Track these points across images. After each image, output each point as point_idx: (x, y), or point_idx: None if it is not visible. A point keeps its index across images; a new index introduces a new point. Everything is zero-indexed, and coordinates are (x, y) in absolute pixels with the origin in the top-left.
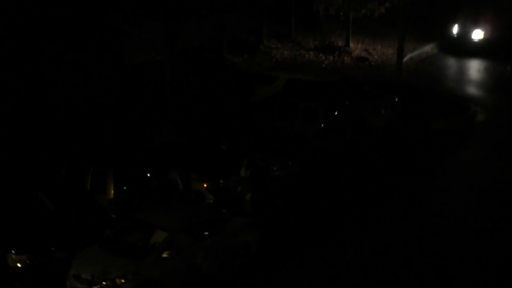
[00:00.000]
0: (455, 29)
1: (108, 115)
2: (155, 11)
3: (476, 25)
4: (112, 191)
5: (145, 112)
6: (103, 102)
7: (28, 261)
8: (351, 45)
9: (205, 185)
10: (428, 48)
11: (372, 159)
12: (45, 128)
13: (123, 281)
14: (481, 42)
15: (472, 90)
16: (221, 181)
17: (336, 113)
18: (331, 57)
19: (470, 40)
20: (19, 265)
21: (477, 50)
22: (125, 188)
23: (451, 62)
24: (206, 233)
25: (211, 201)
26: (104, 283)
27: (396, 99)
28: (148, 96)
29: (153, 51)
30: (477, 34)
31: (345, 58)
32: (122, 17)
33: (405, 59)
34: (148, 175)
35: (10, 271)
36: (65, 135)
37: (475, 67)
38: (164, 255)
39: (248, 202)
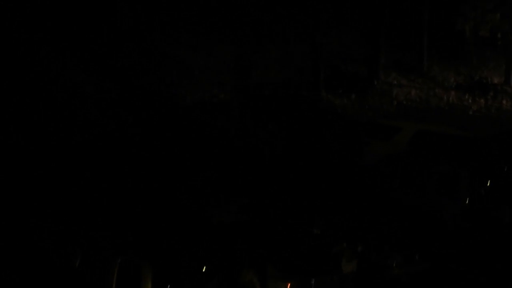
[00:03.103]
0: None
1: (147, 175)
2: (220, 30)
3: None
4: None
5: (201, 174)
6: (140, 156)
7: None
8: None
9: (288, 285)
10: None
11: None
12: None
13: None
14: None
15: None
16: (313, 281)
17: (488, 183)
18: (483, 100)
19: None
20: None
21: None
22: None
23: None
24: None
25: None
26: None
27: None
28: (207, 150)
29: (215, 87)
30: None
31: (504, 101)
32: (171, 39)
33: None
34: (204, 269)
35: None
36: (84, 205)
37: None
38: None
39: None
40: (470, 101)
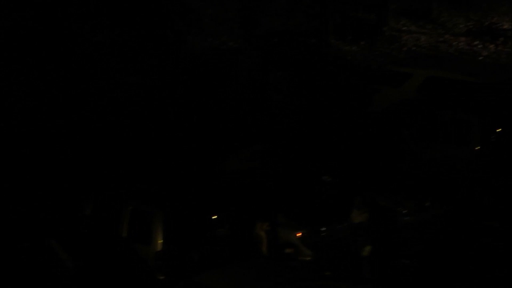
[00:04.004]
0: None
1: (158, 123)
2: None
3: None
4: (160, 241)
5: (211, 121)
6: (151, 105)
7: None
8: None
9: (299, 235)
10: None
11: None
12: (62, 140)
13: None
14: None
15: None
16: (324, 229)
17: (499, 130)
18: (493, 46)
19: None
20: None
21: None
22: (180, 235)
23: None
24: None
25: (309, 258)
26: None
27: None
28: (216, 98)
29: (225, 34)
30: None
31: None
32: None
33: None
34: (215, 217)
35: None
36: (93, 151)
37: None
38: None
39: (365, 261)
40: (480, 47)
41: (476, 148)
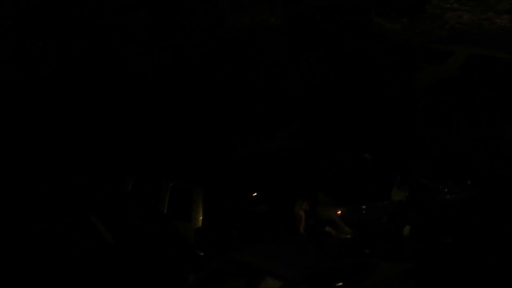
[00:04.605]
0: None
1: (195, 102)
2: None
3: None
4: (201, 218)
5: (251, 99)
6: (186, 83)
7: None
8: None
9: (339, 212)
10: None
11: None
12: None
13: None
14: None
15: None
16: (364, 207)
17: None
18: None
19: None
20: None
21: None
22: (220, 212)
23: None
24: (340, 284)
25: (348, 236)
26: None
27: None
28: (256, 76)
29: (266, 11)
30: None
31: None
32: None
33: None
34: (255, 195)
35: None
36: (131, 130)
37: None
38: None
39: (405, 239)
40: None
41: None
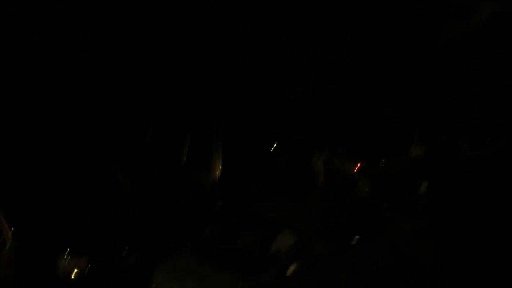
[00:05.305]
0: None
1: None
2: None
3: None
4: (220, 168)
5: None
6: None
7: (88, 267)
8: None
9: (357, 167)
10: None
11: None
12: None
13: None
14: None
15: None
16: (382, 162)
17: None
18: None
19: None
20: (74, 273)
21: None
22: (240, 163)
23: None
24: (356, 238)
25: (367, 189)
26: None
27: None
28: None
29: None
30: None
31: None
32: None
33: None
34: (274, 146)
35: (61, 283)
36: (150, 79)
37: None
38: (292, 268)
39: (422, 195)
40: None
41: None
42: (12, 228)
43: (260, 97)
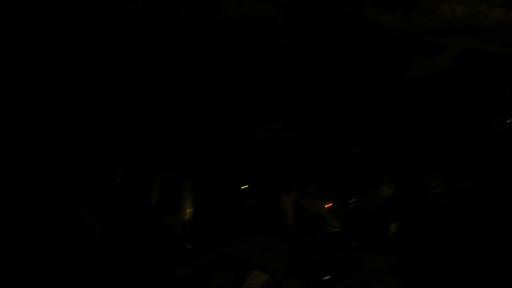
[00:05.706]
0: None
1: (189, 93)
2: None
3: None
4: (190, 210)
5: (243, 91)
6: (181, 73)
7: None
8: None
9: (327, 206)
10: None
11: None
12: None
13: None
14: None
15: None
16: (352, 201)
17: None
18: None
19: None
20: None
21: None
22: (210, 204)
23: None
24: (327, 277)
25: (336, 229)
26: None
27: None
28: (251, 67)
29: (258, 3)
30: None
31: None
32: None
33: None
34: (245, 187)
35: None
36: (121, 122)
37: None
38: None
39: (393, 234)
40: None
41: (508, 121)
42: None
43: (228, 136)
